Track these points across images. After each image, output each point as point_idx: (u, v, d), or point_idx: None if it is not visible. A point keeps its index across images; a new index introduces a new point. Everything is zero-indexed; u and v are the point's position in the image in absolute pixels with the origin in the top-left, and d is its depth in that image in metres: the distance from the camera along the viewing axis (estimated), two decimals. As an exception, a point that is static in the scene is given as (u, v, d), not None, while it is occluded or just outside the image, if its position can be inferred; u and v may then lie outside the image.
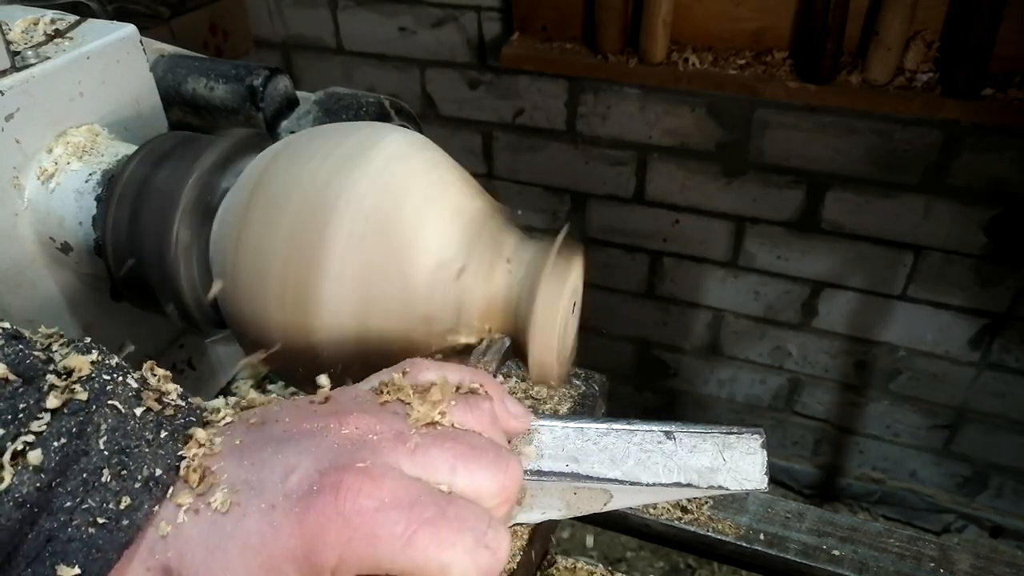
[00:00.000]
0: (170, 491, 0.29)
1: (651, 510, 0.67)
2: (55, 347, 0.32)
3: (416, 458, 0.30)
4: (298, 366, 0.46)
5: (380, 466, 0.29)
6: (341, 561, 0.27)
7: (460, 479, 0.30)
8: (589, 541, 1.97)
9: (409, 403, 0.33)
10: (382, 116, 0.61)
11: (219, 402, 0.35)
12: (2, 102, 0.49)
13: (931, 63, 1.42)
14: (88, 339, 0.33)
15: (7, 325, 0.32)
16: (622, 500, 0.39)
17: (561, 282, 0.44)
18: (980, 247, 1.57)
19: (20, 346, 0.30)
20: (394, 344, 0.44)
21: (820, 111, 1.52)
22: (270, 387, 0.76)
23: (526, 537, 0.61)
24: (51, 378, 0.30)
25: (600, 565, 0.68)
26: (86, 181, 0.52)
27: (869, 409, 1.92)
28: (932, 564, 0.62)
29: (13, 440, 0.27)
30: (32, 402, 0.28)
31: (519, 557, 0.60)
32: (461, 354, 0.46)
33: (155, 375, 0.33)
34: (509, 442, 0.37)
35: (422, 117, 1.83)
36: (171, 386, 0.33)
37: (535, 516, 0.40)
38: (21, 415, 0.28)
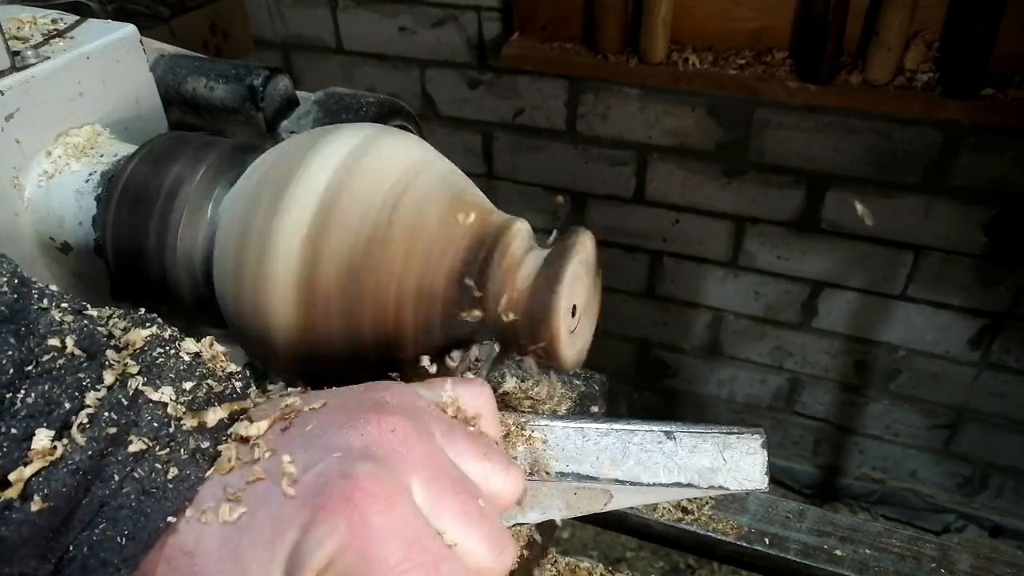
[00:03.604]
0: (215, 464, 0.30)
1: (651, 510, 0.67)
2: (115, 320, 0.33)
3: (430, 492, 0.30)
4: (300, 367, 0.46)
5: (396, 485, 0.29)
6: (329, 566, 0.27)
7: (458, 535, 0.30)
8: (589, 541, 1.97)
9: (453, 436, 0.33)
10: (382, 116, 0.61)
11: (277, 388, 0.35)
12: (2, 102, 0.49)
13: (931, 63, 1.42)
14: (143, 310, 0.33)
15: (68, 297, 0.33)
16: (622, 500, 0.39)
17: (562, 270, 0.43)
18: (980, 247, 1.57)
19: (85, 321, 0.31)
20: (389, 349, 0.44)
21: (820, 111, 1.52)
22: (270, 387, 0.76)
23: (526, 537, 0.61)
24: (111, 353, 0.31)
25: (600, 565, 0.67)
26: (86, 181, 0.52)
27: (869, 409, 1.92)
28: (933, 564, 0.62)
29: (76, 414, 0.28)
30: (94, 376, 0.30)
31: (519, 557, 0.60)
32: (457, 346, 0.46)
33: (212, 350, 0.34)
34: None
35: (422, 117, 1.83)
36: (224, 362, 0.34)
37: (535, 516, 0.40)
38: (84, 389, 0.29)
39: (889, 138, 1.51)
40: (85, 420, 0.28)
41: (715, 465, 0.37)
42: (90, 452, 0.28)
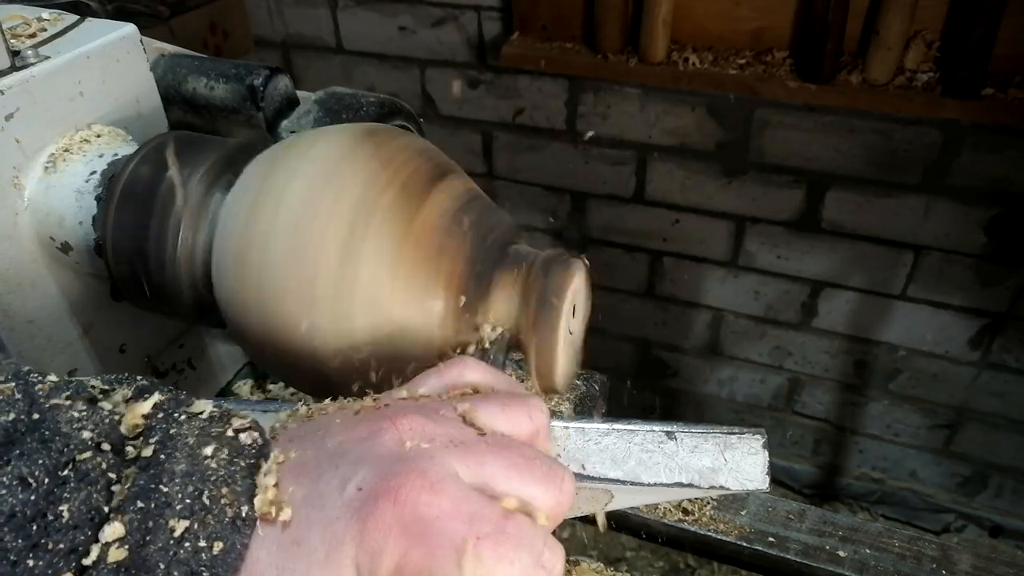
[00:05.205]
0: (257, 525, 0.29)
1: (652, 510, 0.67)
2: (116, 391, 0.31)
3: (472, 465, 0.30)
4: (301, 371, 0.46)
5: (438, 472, 0.29)
6: (397, 569, 0.27)
7: (514, 491, 0.30)
8: (589, 541, 1.97)
9: (464, 407, 0.33)
10: (382, 116, 0.61)
11: (282, 414, 0.34)
12: (2, 102, 0.49)
13: (931, 63, 1.42)
14: (141, 379, 0.32)
15: (72, 383, 0.31)
16: (623, 500, 0.39)
17: (558, 307, 0.44)
18: (980, 247, 1.57)
19: (103, 413, 0.30)
20: (395, 354, 0.44)
21: (820, 111, 1.52)
22: (270, 387, 0.76)
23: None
24: (129, 444, 0.29)
25: (600, 565, 0.67)
26: (86, 181, 0.52)
27: (869, 409, 1.92)
28: (933, 565, 0.62)
29: (111, 513, 0.27)
30: (121, 470, 0.28)
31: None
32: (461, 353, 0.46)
33: (221, 408, 0.32)
34: None
35: (422, 116, 1.83)
36: (235, 415, 0.32)
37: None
38: (113, 485, 0.28)
39: (889, 138, 1.51)
40: (117, 516, 0.27)
41: (716, 465, 0.37)
42: (128, 547, 0.26)
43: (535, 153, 1.84)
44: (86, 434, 0.28)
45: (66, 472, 0.27)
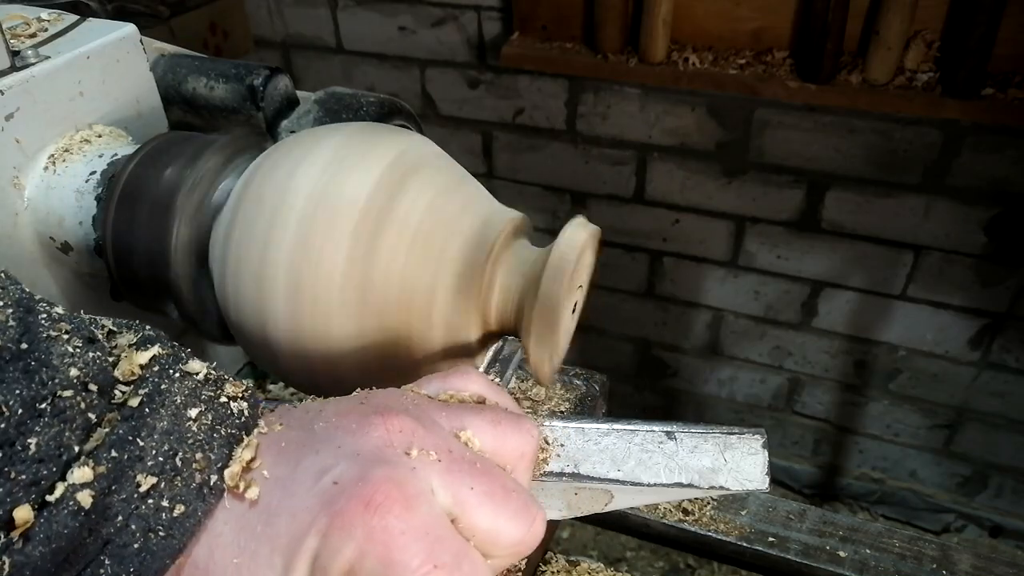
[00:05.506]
0: (225, 498, 0.29)
1: (652, 510, 0.67)
2: (121, 338, 0.31)
3: (450, 485, 0.30)
4: (299, 371, 0.46)
5: (415, 486, 0.28)
6: (349, 570, 0.27)
7: (484, 518, 0.30)
8: (589, 541, 1.97)
9: (457, 418, 0.32)
10: (382, 116, 0.61)
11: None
12: (2, 102, 0.49)
13: (931, 63, 1.42)
14: (149, 329, 0.32)
15: (76, 319, 0.31)
16: (623, 500, 0.39)
17: (559, 287, 0.43)
18: (980, 247, 1.57)
19: (97, 353, 0.30)
20: (388, 352, 0.44)
21: (820, 111, 1.52)
22: (270, 387, 0.76)
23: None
24: (120, 388, 0.29)
25: (600, 565, 0.67)
26: (86, 181, 0.52)
27: (869, 409, 1.92)
28: (934, 565, 0.62)
29: (81, 454, 0.27)
30: (101, 413, 0.29)
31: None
32: (462, 353, 0.46)
33: (219, 371, 0.33)
34: None
35: (422, 117, 1.83)
36: (231, 381, 0.32)
37: (536, 517, 0.40)
38: (91, 428, 0.28)
39: (889, 138, 1.51)
40: (88, 460, 0.27)
41: (716, 465, 0.37)
42: (92, 492, 0.27)
43: (535, 153, 1.84)
44: (74, 372, 0.28)
45: (43, 406, 0.27)
